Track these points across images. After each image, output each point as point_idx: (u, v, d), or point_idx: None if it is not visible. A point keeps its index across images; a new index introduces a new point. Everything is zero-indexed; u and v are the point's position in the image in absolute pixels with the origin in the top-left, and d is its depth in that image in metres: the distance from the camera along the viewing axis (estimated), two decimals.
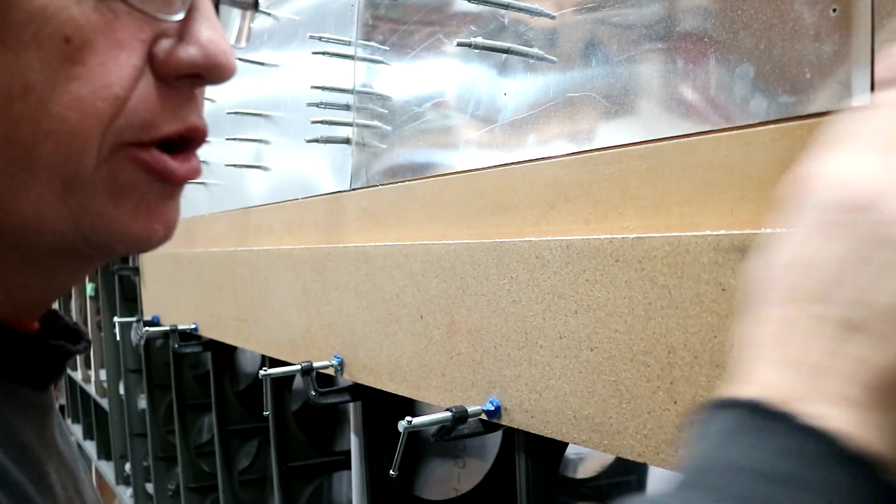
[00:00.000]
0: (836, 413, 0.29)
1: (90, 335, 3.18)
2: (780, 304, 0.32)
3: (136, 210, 0.36)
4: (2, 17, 0.31)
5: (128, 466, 2.73)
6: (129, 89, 0.34)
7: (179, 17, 0.35)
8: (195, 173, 0.38)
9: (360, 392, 1.09)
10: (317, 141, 1.08)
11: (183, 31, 0.35)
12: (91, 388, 3.29)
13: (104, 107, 0.33)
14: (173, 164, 0.36)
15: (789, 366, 0.31)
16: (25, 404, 0.38)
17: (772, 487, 0.29)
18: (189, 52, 0.35)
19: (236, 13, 0.41)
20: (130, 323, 2.12)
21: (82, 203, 0.34)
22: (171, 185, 0.37)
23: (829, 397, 0.30)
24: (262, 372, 1.07)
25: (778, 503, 0.28)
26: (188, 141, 0.38)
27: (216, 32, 0.36)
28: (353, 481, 1.17)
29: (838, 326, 0.30)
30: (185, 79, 0.36)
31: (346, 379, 1.05)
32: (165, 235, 0.38)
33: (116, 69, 0.33)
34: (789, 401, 0.30)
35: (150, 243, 0.37)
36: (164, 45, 0.35)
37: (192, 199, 1.73)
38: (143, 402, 2.43)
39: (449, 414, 0.76)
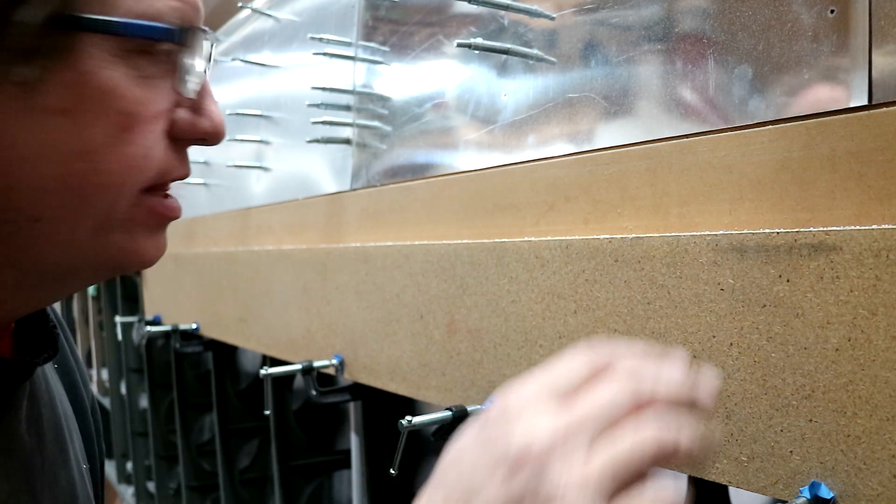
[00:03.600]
0: None
1: (91, 335, 3.19)
2: (440, 490, 0.40)
3: (145, 241, 0.45)
4: (74, 92, 0.39)
5: (129, 465, 2.73)
6: (159, 150, 0.43)
7: (194, 94, 0.45)
8: (179, 212, 0.48)
9: (360, 391, 1.09)
10: (317, 141, 1.08)
11: (197, 106, 0.46)
12: (93, 388, 3.29)
13: (144, 164, 0.43)
14: (170, 206, 0.47)
15: None
16: None
17: None
18: (205, 124, 0.46)
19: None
20: (132, 322, 2.13)
21: (108, 237, 0.43)
22: (166, 221, 0.47)
23: None
24: (262, 371, 1.08)
25: None
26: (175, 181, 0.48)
27: (218, 108, 0.47)
28: (354, 480, 1.17)
29: None
30: (192, 140, 0.46)
31: (346, 378, 1.05)
32: (160, 256, 0.48)
33: (153, 135, 0.43)
34: None
35: (152, 263, 0.47)
36: (182, 115, 0.45)
37: (193, 200, 1.73)
38: (144, 402, 2.43)
39: (449, 413, 0.76)
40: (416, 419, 0.76)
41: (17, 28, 0.37)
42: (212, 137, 0.47)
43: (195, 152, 1.72)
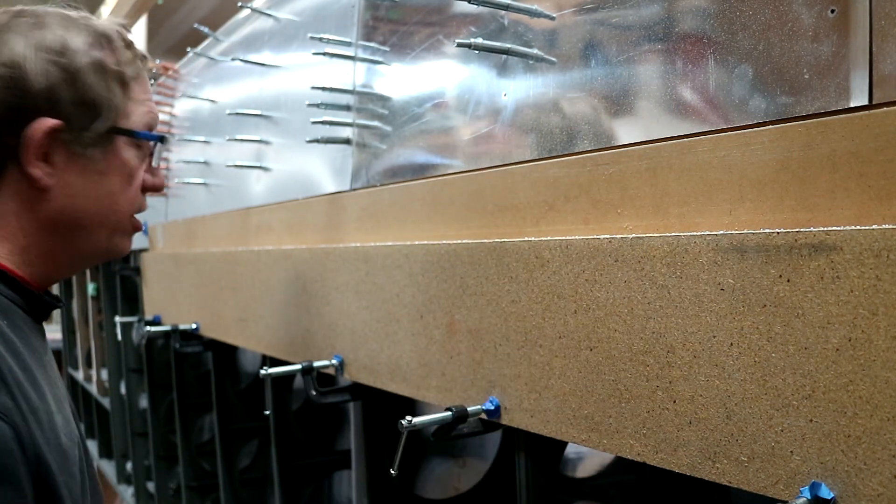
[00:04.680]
0: None
1: (91, 335, 3.19)
2: None
3: (127, 241, 0.82)
4: (108, 163, 0.76)
5: (129, 465, 2.73)
6: (139, 194, 0.81)
7: (153, 164, 0.83)
8: (143, 226, 0.85)
9: (360, 392, 1.09)
10: (317, 141, 1.08)
11: (154, 171, 0.82)
12: (93, 388, 3.29)
13: (135, 201, 0.80)
14: (140, 223, 0.83)
15: None
16: (30, 328, 0.75)
17: None
18: (157, 181, 0.83)
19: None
20: (132, 323, 2.12)
21: (114, 239, 0.80)
22: (137, 231, 0.83)
23: None
24: (262, 371, 1.08)
25: None
26: None
27: (161, 172, 0.86)
28: (353, 480, 1.17)
29: None
30: (149, 190, 0.83)
31: (346, 378, 1.05)
32: (130, 249, 0.85)
33: (137, 186, 0.80)
34: None
35: (127, 253, 0.84)
36: (146, 175, 0.81)
37: (193, 200, 1.73)
38: (144, 402, 2.43)
39: (449, 413, 0.76)
40: (416, 419, 0.76)
41: (93, 132, 0.74)
42: (159, 188, 0.84)
43: (195, 152, 1.73)
